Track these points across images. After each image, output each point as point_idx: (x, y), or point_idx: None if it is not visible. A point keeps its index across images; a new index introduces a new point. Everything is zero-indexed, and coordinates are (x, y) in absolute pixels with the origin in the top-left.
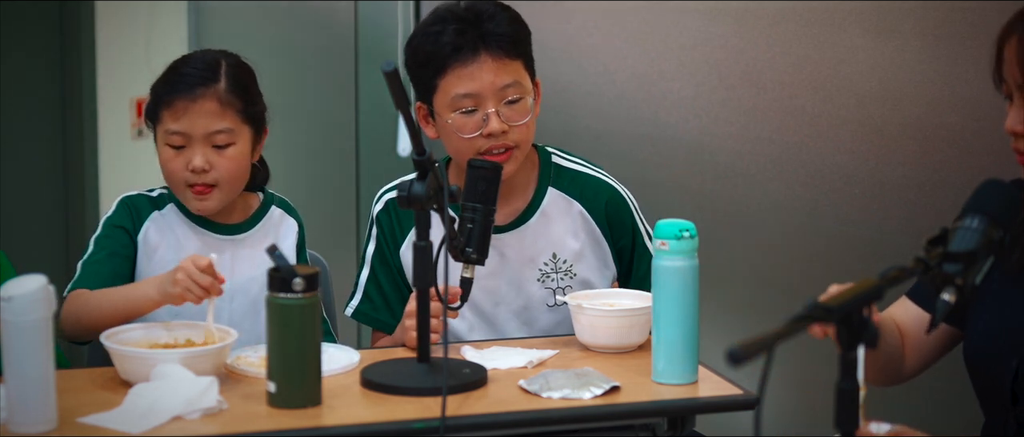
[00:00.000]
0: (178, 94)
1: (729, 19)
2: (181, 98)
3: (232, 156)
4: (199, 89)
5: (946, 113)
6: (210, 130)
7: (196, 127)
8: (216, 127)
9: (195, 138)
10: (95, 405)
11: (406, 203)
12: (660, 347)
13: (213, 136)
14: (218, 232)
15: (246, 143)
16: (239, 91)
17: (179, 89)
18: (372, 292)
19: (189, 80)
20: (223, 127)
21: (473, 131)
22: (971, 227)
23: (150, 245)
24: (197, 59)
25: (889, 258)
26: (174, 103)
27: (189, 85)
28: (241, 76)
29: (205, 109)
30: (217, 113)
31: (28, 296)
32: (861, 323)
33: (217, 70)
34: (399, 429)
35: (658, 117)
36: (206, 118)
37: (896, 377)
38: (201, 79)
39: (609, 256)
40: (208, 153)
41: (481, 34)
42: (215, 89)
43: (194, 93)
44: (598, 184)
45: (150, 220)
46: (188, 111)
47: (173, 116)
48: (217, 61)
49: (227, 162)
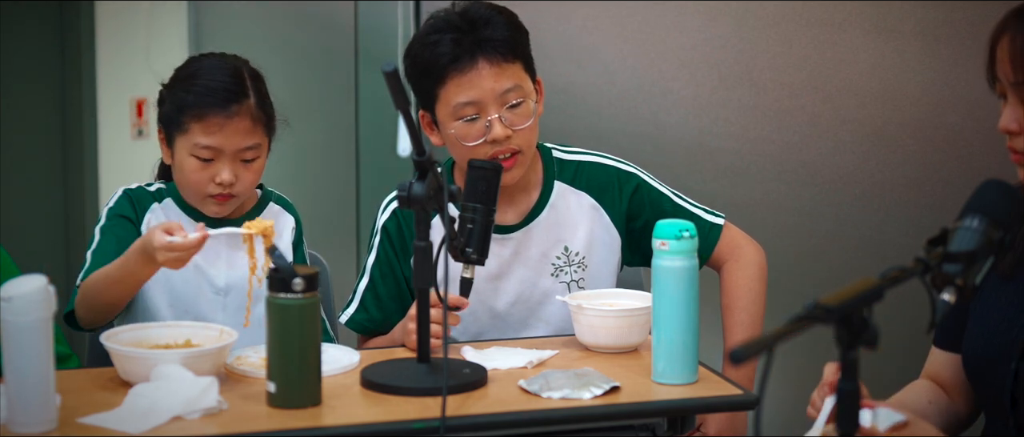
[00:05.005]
0: (212, 109)
1: (729, 19)
2: (216, 114)
3: (256, 169)
4: (234, 106)
5: (946, 113)
6: (242, 146)
7: (229, 144)
8: (247, 143)
9: (225, 153)
10: (95, 405)
11: (406, 203)
12: (660, 347)
13: (243, 152)
14: (217, 226)
15: (266, 153)
16: (264, 105)
17: (212, 104)
18: (369, 302)
19: (222, 95)
20: (254, 143)
21: (476, 139)
22: (971, 227)
23: None
24: (219, 69)
25: (889, 258)
26: (207, 117)
27: (223, 100)
28: (262, 87)
29: (240, 127)
30: (249, 130)
31: (28, 296)
32: (861, 323)
33: (244, 83)
34: (399, 429)
35: (658, 117)
36: (239, 136)
37: (959, 426)
38: (234, 95)
39: (618, 244)
40: (236, 167)
41: (477, 41)
42: (247, 105)
43: (229, 110)
44: (603, 169)
45: (151, 212)
46: (223, 128)
47: (206, 131)
48: (240, 72)
49: (251, 175)
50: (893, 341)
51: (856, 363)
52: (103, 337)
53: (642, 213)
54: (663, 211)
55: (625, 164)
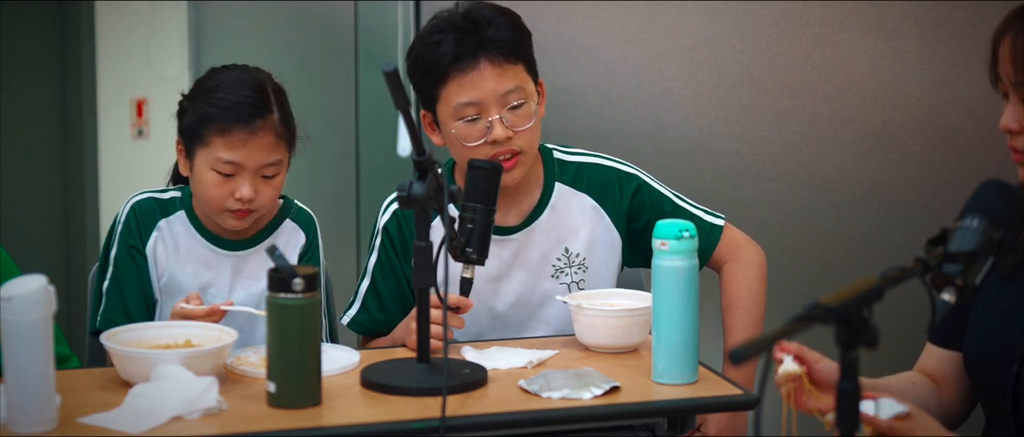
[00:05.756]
0: (236, 124)
1: (729, 19)
2: (240, 129)
3: (276, 185)
4: (258, 121)
5: (946, 113)
6: (264, 163)
7: (251, 159)
8: (270, 159)
9: (247, 169)
10: (95, 405)
11: (406, 203)
12: (660, 347)
13: (264, 168)
14: (225, 247)
15: (286, 168)
16: (287, 120)
17: (236, 118)
18: (371, 303)
19: (246, 109)
20: (275, 159)
21: (477, 139)
22: (971, 227)
23: (159, 264)
24: (243, 83)
25: (889, 258)
26: (231, 132)
27: (247, 115)
28: (285, 102)
29: (264, 143)
30: (272, 146)
31: (28, 296)
32: (861, 323)
33: (268, 98)
34: (399, 429)
35: (658, 117)
36: (263, 152)
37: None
38: (258, 109)
39: (619, 245)
40: (256, 183)
41: (480, 41)
42: (271, 121)
43: (253, 125)
44: (604, 170)
45: (156, 231)
46: (247, 144)
47: (228, 145)
48: (264, 86)
49: (272, 190)
50: (893, 341)
51: (856, 363)
52: (103, 337)
53: (643, 214)
54: (664, 212)
55: (625, 165)
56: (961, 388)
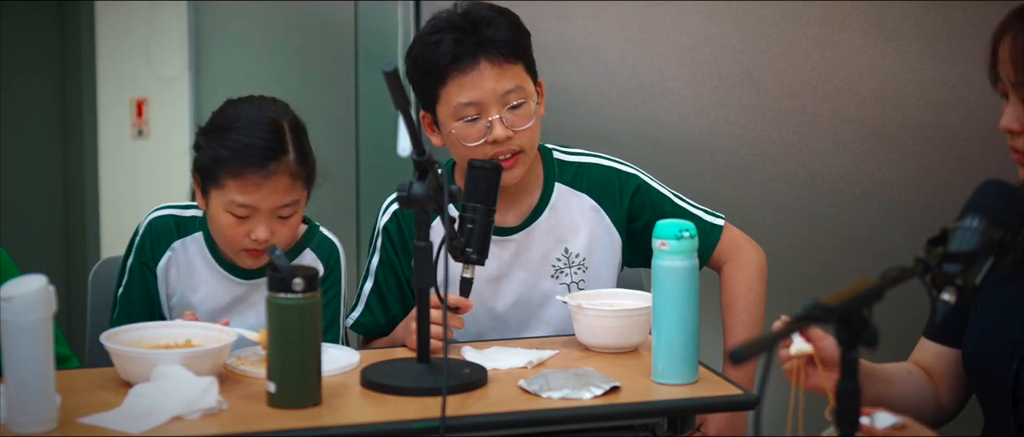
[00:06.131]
0: (249, 167)
1: (729, 19)
2: (253, 173)
3: (293, 223)
4: (272, 164)
5: (946, 113)
6: (279, 205)
7: (266, 202)
8: (285, 201)
9: (262, 211)
10: (95, 405)
11: (406, 203)
12: (660, 347)
13: (280, 209)
14: (239, 276)
15: (305, 205)
16: (304, 159)
17: (249, 162)
18: (374, 304)
19: (260, 153)
20: (291, 201)
21: (477, 139)
22: (971, 227)
23: (169, 284)
24: (258, 123)
25: (889, 258)
26: (244, 175)
27: (261, 159)
28: (303, 140)
29: (278, 186)
30: (287, 188)
31: (28, 296)
32: (861, 323)
33: (284, 138)
34: (399, 429)
35: (658, 117)
36: (277, 194)
37: (939, 417)
38: (272, 152)
39: (619, 245)
40: (273, 224)
41: (479, 41)
42: (286, 162)
43: (267, 169)
44: (603, 170)
45: (170, 252)
46: (260, 187)
47: (242, 189)
48: (280, 126)
49: (288, 229)
50: (893, 341)
51: (856, 363)
52: (103, 337)
53: (643, 214)
54: (663, 212)
55: (625, 165)
56: (954, 385)
